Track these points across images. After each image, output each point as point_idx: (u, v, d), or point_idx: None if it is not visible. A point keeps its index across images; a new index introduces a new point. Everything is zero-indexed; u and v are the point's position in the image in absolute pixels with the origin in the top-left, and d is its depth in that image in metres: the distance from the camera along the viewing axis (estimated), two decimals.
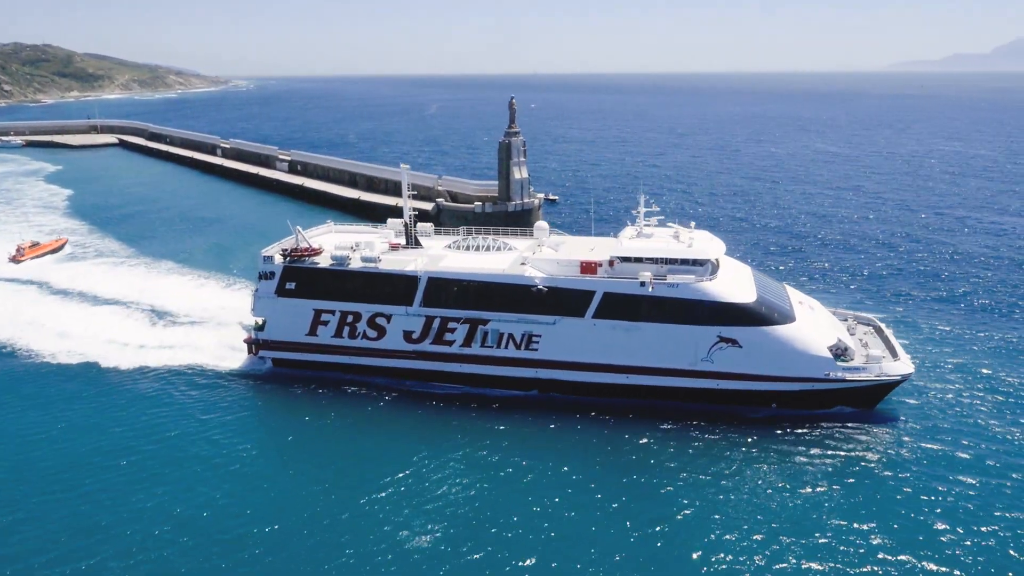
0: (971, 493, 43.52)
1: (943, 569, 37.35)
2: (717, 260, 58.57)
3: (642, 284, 54.11)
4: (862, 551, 38.79)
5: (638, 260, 56.53)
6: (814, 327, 55.26)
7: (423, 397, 57.38)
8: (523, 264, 58.96)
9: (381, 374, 60.44)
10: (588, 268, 57.32)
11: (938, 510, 42.09)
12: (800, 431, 51.31)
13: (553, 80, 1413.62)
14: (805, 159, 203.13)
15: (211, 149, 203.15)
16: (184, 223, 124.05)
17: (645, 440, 50.43)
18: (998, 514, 41.49)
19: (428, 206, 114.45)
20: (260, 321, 62.35)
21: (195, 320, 72.37)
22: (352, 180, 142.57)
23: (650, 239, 59.37)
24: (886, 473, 46.05)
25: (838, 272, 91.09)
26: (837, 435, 50.78)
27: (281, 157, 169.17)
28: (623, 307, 54.55)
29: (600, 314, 54.93)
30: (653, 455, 48.58)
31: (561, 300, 55.65)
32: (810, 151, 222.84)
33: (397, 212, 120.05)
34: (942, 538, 39.65)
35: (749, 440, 50.21)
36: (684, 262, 56.43)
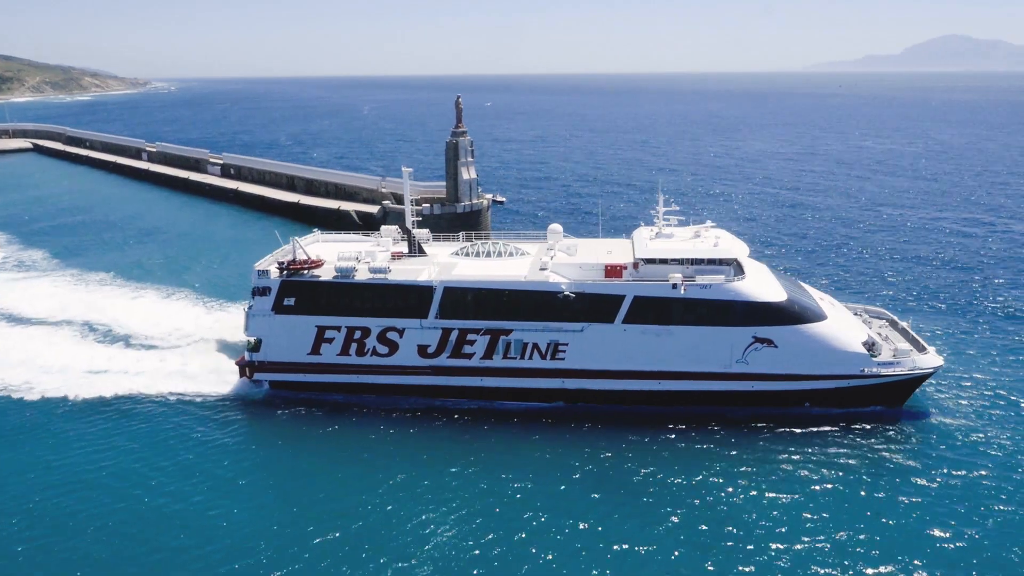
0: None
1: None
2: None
3: (674, 286, 52.13)
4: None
5: (663, 261, 54.49)
6: (846, 323, 54.77)
7: (437, 415, 53.81)
8: (543, 270, 55.84)
9: (392, 392, 56.49)
10: (613, 271, 55.07)
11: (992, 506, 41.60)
12: (834, 430, 50.62)
13: (495, 80, 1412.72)
14: (761, 157, 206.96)
15: (136, 153, 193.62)
16: (120, 233, 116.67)
17: (675, 448, 48.62)
18: None
19: (373, 209, 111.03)
20: (253, 341, 57.50)
21: (169, 343, 66.23)
22: (290, 183, 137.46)
23: (671, 239, 57.12)
24: (933, 472, 45.28)
25: (831, 267, 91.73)
26: (872, 434, 50.12)
27: (213, 160, 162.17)
28: (654, 311, 52.52)
29: (630, 319, 52.76)
30: (686, 462, 47.03)
31: (589, 306, 53.11)
32: (765, 150, 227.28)
33: (340, 216, 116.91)
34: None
35: (784, 441, 49.40)
36: (711, 262, 54.50)
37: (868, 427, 50.94)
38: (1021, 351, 63.26)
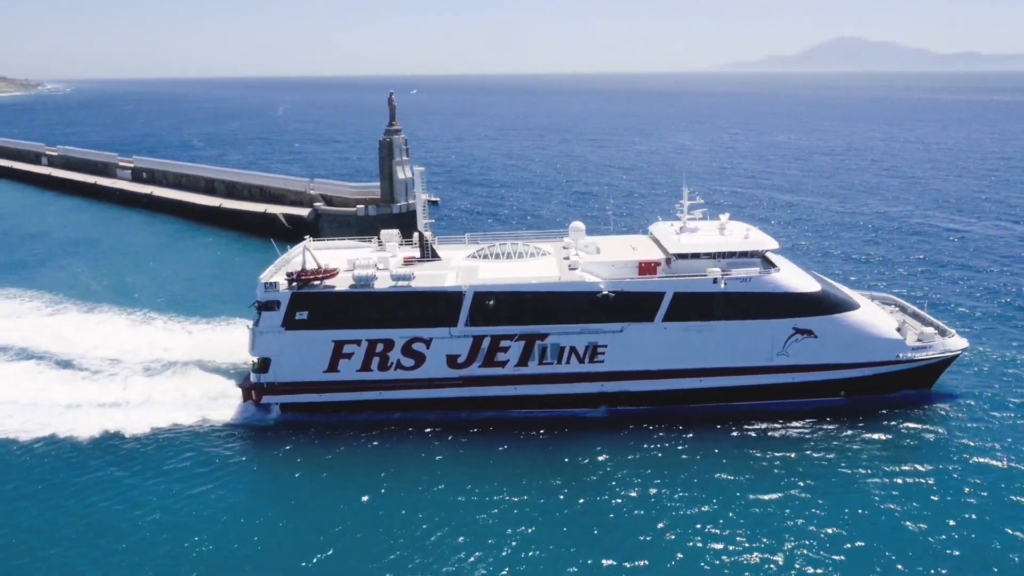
0: None
1: None
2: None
3: (714, 281, 51.08)
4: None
5: (695, 256, 53.25)
6: (877, 310, 55.01)
7: (467, 428, 50.72)
8: (573, 269, 53.32)
9: (418, 408, 52.86)
10: (648, 268, 53.16)
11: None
12: (868, 417, 51.01)
13: (429, 81, 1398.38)
14: (714, 151, 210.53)
15: (35, 158, 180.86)
16: (39, 248, 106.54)
17: (718, 449, 47.78)
18: None
19: (303, 212, 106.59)
20: (259, 361, 52.54)
21: (155, 369, 59.65)
22: (210, 187, 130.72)
23: (700, 233, 55.75)
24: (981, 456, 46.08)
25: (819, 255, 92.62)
26: (909, 418, 50.87)
27: (122, 164, 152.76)
28: (695, 307, 51.33)
29: (671, 316, 51.43)
30: (723, 460, 46.41)
31: (628, 305, 51.34)
32: (721, 144, 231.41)
33: (267, 221, 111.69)
34: None
35: (821, 432, 49.30)
36: (743, 255, 53.59)
37: (903, 410, 51.60)
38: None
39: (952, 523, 39.40)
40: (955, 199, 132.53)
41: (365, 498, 42.96)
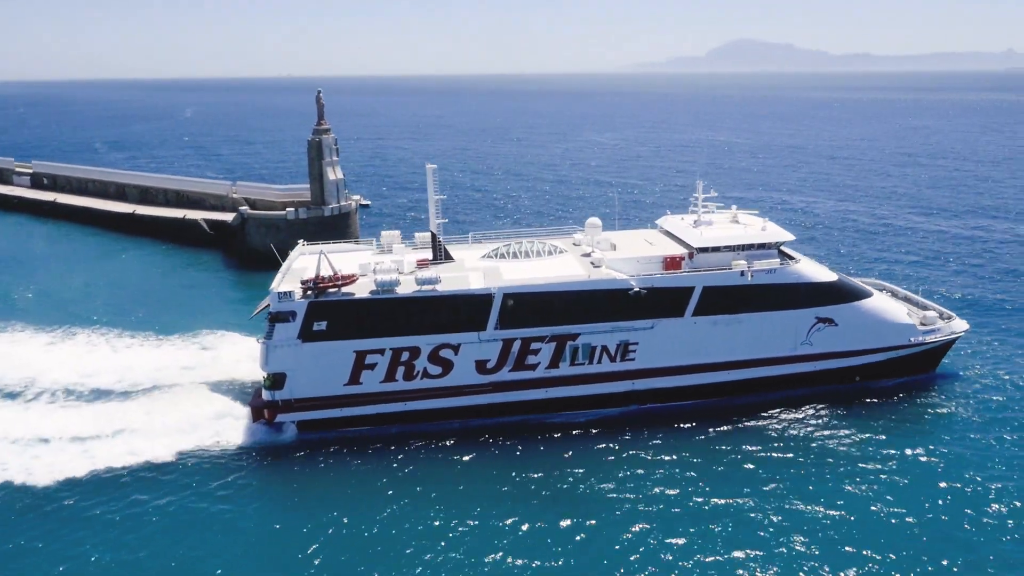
0: None
1: None
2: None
3: (741, 274, 51.28)
4: None
5: (715, 250, 53.13)
6: (887, 297, 56.82)
7: (496, 436, 48.87)
8: (596, 267, 52.30)
9: (446, 417, 50.46)
10: (674, 263, 52.58)
11: None
12: (882, 401, 52.66)
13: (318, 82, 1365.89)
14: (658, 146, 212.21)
15: None
16: None
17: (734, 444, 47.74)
18: None
19: (227, 217, 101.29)
20: (271, 377, 48.53)
21: (120, 392, 54.09)
22: (121, 192, 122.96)
23: (714, 226, 55.69)
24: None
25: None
26: (922, 398, 52.94)
27: (20, 170, 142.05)
28: (724, 300, 51.25)
29: (700, 311, 51.12)
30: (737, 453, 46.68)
31: (659, 301, 50.63)
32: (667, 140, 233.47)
33: (186, 227, 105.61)
34: None
35: (839, 417, 50.42)
36: (761, 247, 53.85)
37: (913, 393, 53.71)
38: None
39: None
40: (881, 191, 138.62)
41: (393, 523, 40.26)
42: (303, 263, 55.58)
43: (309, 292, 48.79)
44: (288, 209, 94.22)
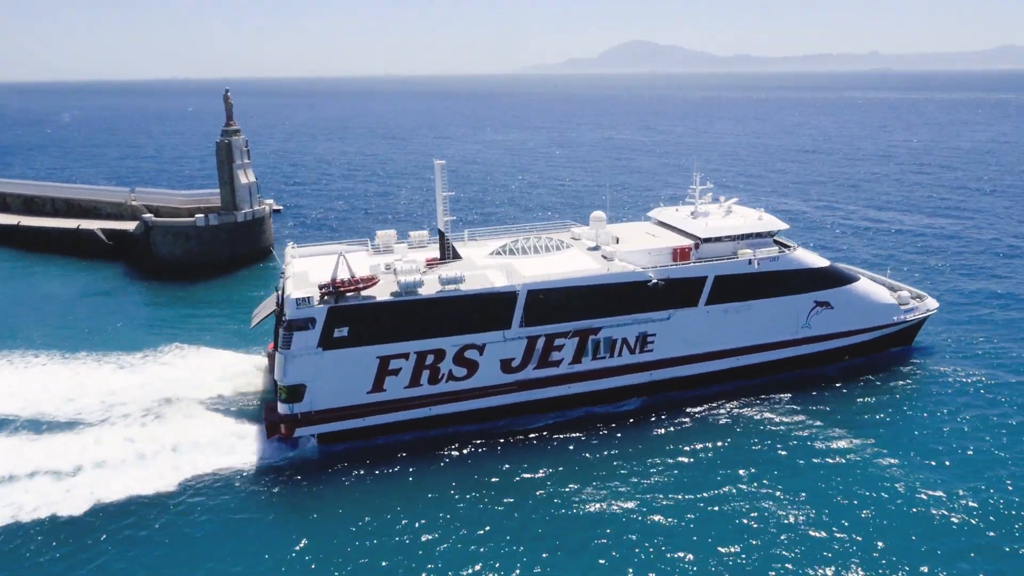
0: None
1: None
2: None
3: (749, 263, 52.99)
4: None
5: (717, 240, 54.66)
6: (870, 280, 60.03)
7: (523, 436, 48.10)
8: (609, 259, 52.87)
9: (471, 420, 49.13)
10: (683, 254, 53.62)
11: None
12: (865, 377, 55.59)
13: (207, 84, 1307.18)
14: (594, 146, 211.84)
15: None
16: None
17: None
18: None
19: (127, 226, 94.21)
20: (288, 389, 45.46)
21: (104, 419, 49.22)
22: (2, 202, 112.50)
23: (713, 217, 57.22)
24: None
25: None
26: (903, 370, 56.62)
27: None
28: (733, 289, 52.92)
29: (712, 300, 52.56)
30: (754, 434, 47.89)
31: (675, 292, 51.59)
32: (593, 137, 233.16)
33: (81, 238, 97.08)
34: None
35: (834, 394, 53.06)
36: (759, 236, 55.80)
37: (896, 367, 57.34)
38: (975, 288, 75.82)
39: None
40: (799, 182, 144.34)
41: (425, 540, 38.18)
42: (302, 266, 52.49)
43: (328, 297, 45.93)
44: (197, 216, 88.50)
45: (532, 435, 48.56)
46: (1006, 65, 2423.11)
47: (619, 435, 48.24)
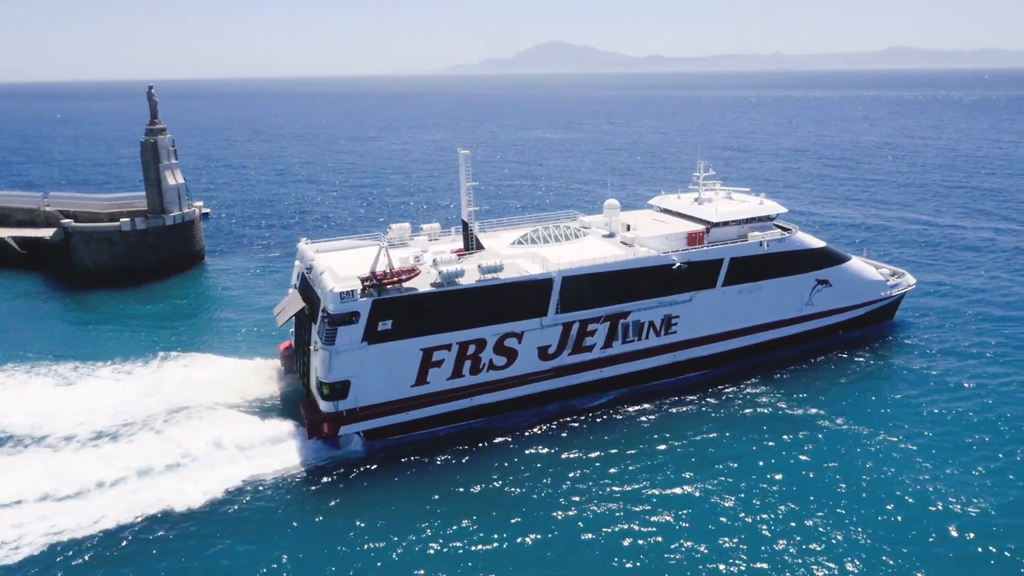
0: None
1: None
2: None
3: (760, 244, 55.31)
4: None
5: (725, 224, 56.45)
6: (859, 259, 63.17)
7: (565, 421, 48.75)
8: (630, 245, 54.35)
9: (510, 408, 49.44)
10: (696, 238, 55.00)
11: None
12: (855, 350, 58.71)
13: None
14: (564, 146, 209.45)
15: None
16: None
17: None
18: None
19: (44, 233, 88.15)
20: (332, 386, 44.14)
21: (112, 431, 46.51)
22: None
23: (716, 202, 59.53)
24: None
25: None
26: (892, 344, 60.22)
27: None
28: (746, 270, 55.12)
29: (728, 281, 54.66)
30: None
31: (695, 274, 53.36)
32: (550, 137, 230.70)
33: None
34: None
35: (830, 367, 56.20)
36: (761, 219, 58.12)
37: (880, 340, 61.11)
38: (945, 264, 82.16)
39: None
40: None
41: (495, 532, 37.79)
42: (327, 261, 50.54)
43: (370, 290, 44.76)
44: (123, 220, 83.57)
45: (571, 420, 49.34)
46: (897, 65, 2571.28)
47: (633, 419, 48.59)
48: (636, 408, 50.42)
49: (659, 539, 36.81)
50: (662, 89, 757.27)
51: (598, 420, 49.16)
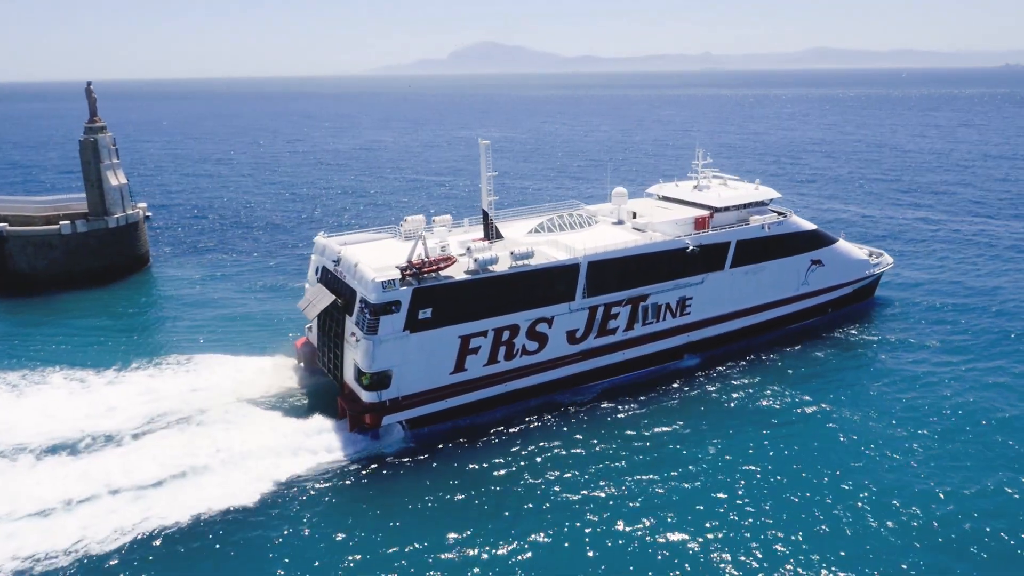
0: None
1: None
2: None
3: (762, 228, 57.65)
4: None
5: (727, 209, 58.39)
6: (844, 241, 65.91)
7: (591, 403, 49.89)
8: (642, 231, 55.97)
9: (541, 392, 50.09)
10: (702, 223, 56.65)
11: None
12: (843, 327, 61.38)
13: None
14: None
15: None
16: None
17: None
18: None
19: None
20: (372, 376, 43.72)
21: (169, 426, 45.68)
22: None
23: (715, 189, 61.96)
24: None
25: None
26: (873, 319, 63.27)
27: None
28: (751, 252, 57.25)
29: (735, 263, 56.72)
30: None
31: (707, 257, 55.20)
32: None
33: None
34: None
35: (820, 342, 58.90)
36: (758, 204, 60.48)
37: (864, 317, 64.11)
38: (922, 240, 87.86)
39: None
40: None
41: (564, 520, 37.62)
42: (354, 252, 49.78)
43: (410, 279, 44.87)
44: (62, 223, 79.06)
45: (593, 403, 50.16)
46: (820, 64, 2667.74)
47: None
48: (615, 402, 50.37)
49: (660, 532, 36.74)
50: (595, 88, 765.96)
51: (582, 414, 48.96)
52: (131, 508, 37.89)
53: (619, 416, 48.22)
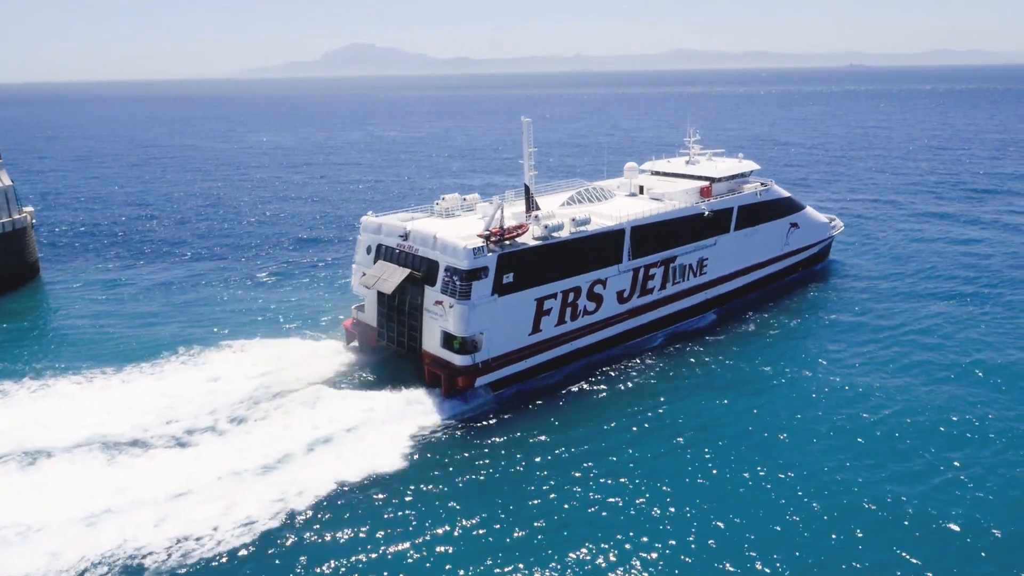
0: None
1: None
2: None
3: (756, 194, 64.72)
4: None
5: (720, 179, 64.49)
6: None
7: (638, 359, 54.09)
8: (659, 200, 60.60)
9: (597, 350, 54.17)
10: (707, 191, 62.88)
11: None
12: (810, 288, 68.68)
13: None
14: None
15: None
16: None
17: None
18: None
19: None
20: (464, 340, 46.45)
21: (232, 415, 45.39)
22: None
23: (705, 162, 68.60)
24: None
25: None
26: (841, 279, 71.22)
27: None
28: (748, 217, 63.76)
29: (738, 226, 63.02)
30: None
31: (718, 221, 61.08)
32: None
33: None
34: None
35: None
36: (743, 175, 67.17)
37: (830, 277, 72.25)
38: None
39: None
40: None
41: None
42: (426, 226, 51.07)
43: (490, 243, 47.22)
44: None
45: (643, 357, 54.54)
46: (678, 66, 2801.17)
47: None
48: (595, 377, 51.79)
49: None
50: (468, 89, 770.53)
51: (637, 368, 53.18)
52: (281, 478, 38.59)
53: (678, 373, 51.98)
